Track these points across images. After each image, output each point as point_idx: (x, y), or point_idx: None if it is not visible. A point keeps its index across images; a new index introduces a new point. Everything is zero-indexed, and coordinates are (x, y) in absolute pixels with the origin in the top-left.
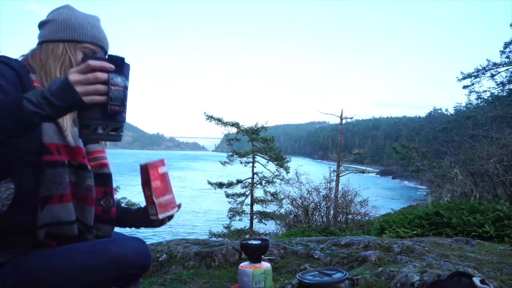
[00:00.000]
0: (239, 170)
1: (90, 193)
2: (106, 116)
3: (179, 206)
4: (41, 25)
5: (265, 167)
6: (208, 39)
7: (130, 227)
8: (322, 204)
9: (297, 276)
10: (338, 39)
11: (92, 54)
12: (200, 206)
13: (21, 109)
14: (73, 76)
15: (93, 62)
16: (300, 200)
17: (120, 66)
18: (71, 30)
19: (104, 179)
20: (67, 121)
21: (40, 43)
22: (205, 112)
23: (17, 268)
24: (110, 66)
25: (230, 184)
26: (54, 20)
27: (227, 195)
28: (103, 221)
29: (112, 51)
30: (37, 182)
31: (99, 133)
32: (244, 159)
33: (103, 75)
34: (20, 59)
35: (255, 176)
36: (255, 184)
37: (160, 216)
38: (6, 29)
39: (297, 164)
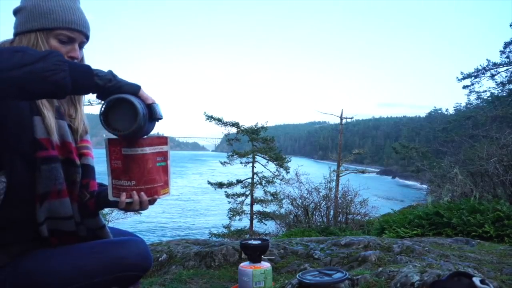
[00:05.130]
0: (239, 170)
1: (75, 188)
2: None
3: (150, 200)
4: (15, 13)
5: (265, 167)
6: (208, 39)
7: (101, 207)
8: (322, 204)
9: (297, 276)
10: (338, 39)
11: (68, 40)
12: (199, 206)
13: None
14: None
15: None
16: (300, 200)
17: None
18: (41, 18)
19: (83, 170)
20: (50, 116)
21: (14, 35)
22: (205, 112)
23: (16, 271)
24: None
25: (230, 184)
26: (24, 8)
27: (227, 195)
28: (84, 215)
29: (112, 49)
30: (31, 177)
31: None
32: (244, 159)
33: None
34: None
35: (255, 176)
36: (255, 184)
37: (110, 198)
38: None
39: (297, 164)
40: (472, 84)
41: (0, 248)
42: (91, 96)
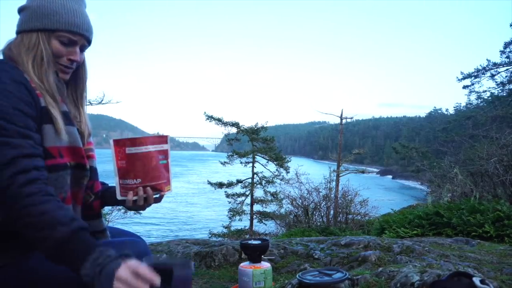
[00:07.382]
0: (239, 170)
1: (81, 191)
2: None
3: (159, 196)
4: (19, 11)
5: (265, 167)
6: (208, 39)
7: (107, 206)
8: (322, 204)
9: (297, 276)
10: (338, 39)
11: (69, 42)
12: (199, 206)
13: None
14: (122, 272)
15: (143, 271)
16: (300, 200)
17: (167, 276)
18: (44, 18)
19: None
20: (60, 121)
21: (16, 33)
22: (205, 112)
23: (16, 271)
24: (156, 283)
25: (230, 184)
26: (28, 7)
27: (227, 195)
28: (87, 217)
29: (112, 50)
30: None
31: None
32: (244, 159)
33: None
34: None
35: (255, 176)
36: (255, 184)
37: (118, 197)
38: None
39: (297, 164)
40: (472, 84)
41: (1, 248)
42: (91, 97)
